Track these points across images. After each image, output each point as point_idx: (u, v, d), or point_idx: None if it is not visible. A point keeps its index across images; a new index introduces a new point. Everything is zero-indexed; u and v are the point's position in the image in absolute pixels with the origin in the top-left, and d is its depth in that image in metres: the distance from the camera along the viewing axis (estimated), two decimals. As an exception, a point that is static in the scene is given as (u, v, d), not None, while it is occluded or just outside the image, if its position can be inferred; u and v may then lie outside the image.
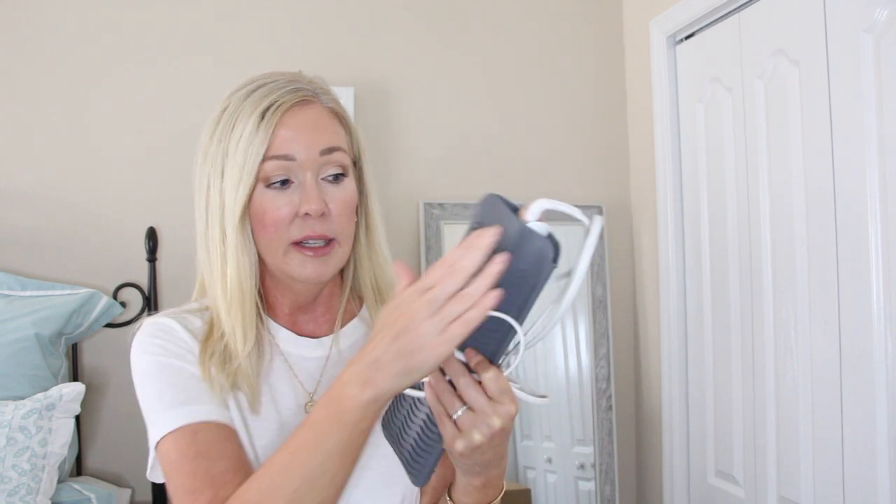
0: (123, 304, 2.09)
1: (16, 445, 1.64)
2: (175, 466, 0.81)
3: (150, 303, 2.13)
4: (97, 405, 2.09)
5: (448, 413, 0.72)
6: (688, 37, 2.27)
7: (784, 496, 1.88)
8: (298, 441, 0.75)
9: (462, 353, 0.71)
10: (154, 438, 0.84)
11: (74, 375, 2.06)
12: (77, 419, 1.84)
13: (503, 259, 0.65)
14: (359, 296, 1.01)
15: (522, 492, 2.19)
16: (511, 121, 2.47)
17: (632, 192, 2.55)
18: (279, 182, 0.86)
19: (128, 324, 2.08)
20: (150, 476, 0.88)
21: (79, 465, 2.04)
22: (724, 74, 2.09)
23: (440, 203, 2.36)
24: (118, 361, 2.03)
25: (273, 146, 0.85)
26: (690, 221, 2.27)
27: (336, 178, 0.88)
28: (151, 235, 2.12)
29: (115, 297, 2.09)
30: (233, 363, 0.87)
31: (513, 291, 0.66)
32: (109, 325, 2.05)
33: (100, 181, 2.15)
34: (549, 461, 2.39)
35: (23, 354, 1.81)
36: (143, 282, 2.14)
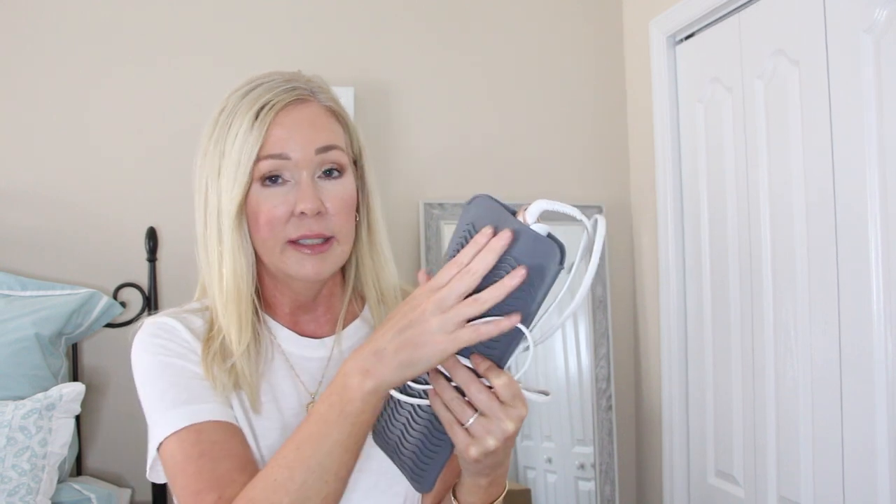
0: (123, 304, 2.09)
1: (16, 445, 1.64)
2: (179, 467, 0.81)
3: (150, 303, 2.13)
4: (97, 405, 2.09)
5: (459, 421, 0.72)
6: (688, 37, 2.27)
7: (784, 496, 1.88)
8: (302, 435, 0.75)
9: (467, 360, 0.71)
10: (157, 439, 0.84)
11: (74, 375, 2.06)
12: (77, 419, 1.84)
13: (521, 274, 0.65)
14: (361, 296, 1.01)
15: (522, 492, 2.19)
16: (511, 121, 2.47)
17: (632, 192, 2.55)
18: (271, 180, 0.85)
19: (128, 324, 2.08)
20: (150, 476, 0.88)
21: (79, 465, 2.04)
22: (724, 74, 2.09)
23: (440, 203, 2.36)
24: (118, 361, 2.04)
25: (267, 145, 0.84)
26: (690, 221, 2.27)
27: (333, 176, 0.88)
28: (151, 235, 2.12)
29: (115, 297, 2.09)
30: (229, 361, 0.87)
31: (517, 295, 0.66)
32: (109, 325, 2.05)
33: (100, 181, 2.15)
34: (549, 461, 2.39)
35: (23, 354, 1.81)
36: (143, 282, 2.14)
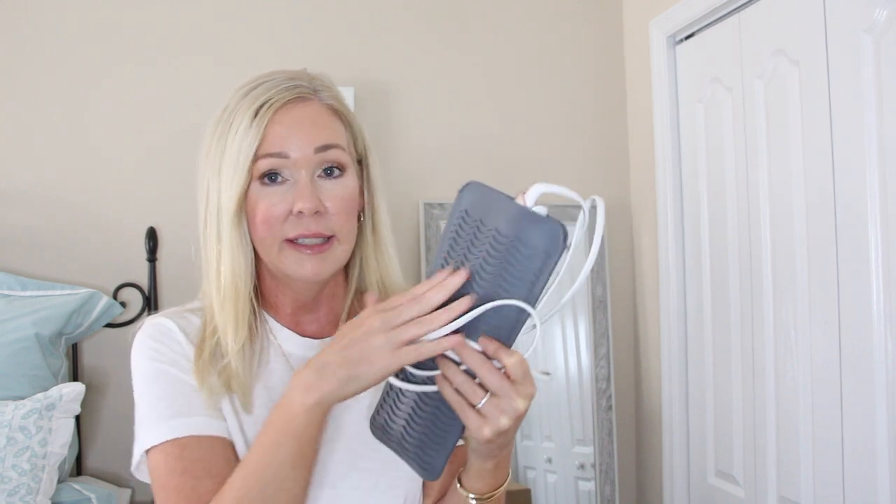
0: (123, 304, 2.09)
1: (16, 445, 1.64)
2: (162, 481, 0.83)
3: (150, 303, 2.13)
4: (97, 405, 2.09)
5: (471, 402, 0.72)
6: (688, 37, 2.27)
7: (784, 496, 1.88)
8: (257, 446, 0.78)
9: (475, 342, 0.72)
10: (142, 444, 0.85)
11: (74, 375, 2.06)
12: (77, 419, 1.84)
13: (468, 301, 0.70)
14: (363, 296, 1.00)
15: (522, 492, 2.18)
16: (511, 120, 2.47)
17: (632, 192, 2.55)
18: (270, 178, 0.85)
19: (128, 324, 2.08)
20: (136, 474, 0.89)
21: (79, 465, 2.04)
22: (724, 74, 2.08)
23: (440, 203, 2.36)
24: (118, 361, 2.03)
25: (266, 143, 0.84)
26: (690, 221, 2.27)
27: (333, 175, 0.87)
28: (151, 235, 2.12)
29: (115, 297, 2.09)
30: (223, 360, 0.87)
31: (518, 277, 0.68)
32: (109, 325, 2.05)
33: (100, 181, 2.15)
34: (549, 461, 2.39)
35: (23, 354, 1.81)
36: (143, 282, 2.14)
